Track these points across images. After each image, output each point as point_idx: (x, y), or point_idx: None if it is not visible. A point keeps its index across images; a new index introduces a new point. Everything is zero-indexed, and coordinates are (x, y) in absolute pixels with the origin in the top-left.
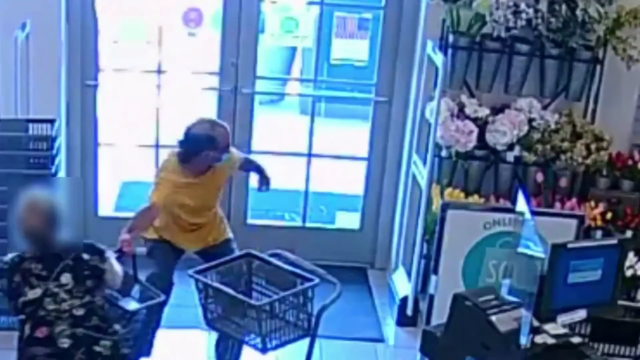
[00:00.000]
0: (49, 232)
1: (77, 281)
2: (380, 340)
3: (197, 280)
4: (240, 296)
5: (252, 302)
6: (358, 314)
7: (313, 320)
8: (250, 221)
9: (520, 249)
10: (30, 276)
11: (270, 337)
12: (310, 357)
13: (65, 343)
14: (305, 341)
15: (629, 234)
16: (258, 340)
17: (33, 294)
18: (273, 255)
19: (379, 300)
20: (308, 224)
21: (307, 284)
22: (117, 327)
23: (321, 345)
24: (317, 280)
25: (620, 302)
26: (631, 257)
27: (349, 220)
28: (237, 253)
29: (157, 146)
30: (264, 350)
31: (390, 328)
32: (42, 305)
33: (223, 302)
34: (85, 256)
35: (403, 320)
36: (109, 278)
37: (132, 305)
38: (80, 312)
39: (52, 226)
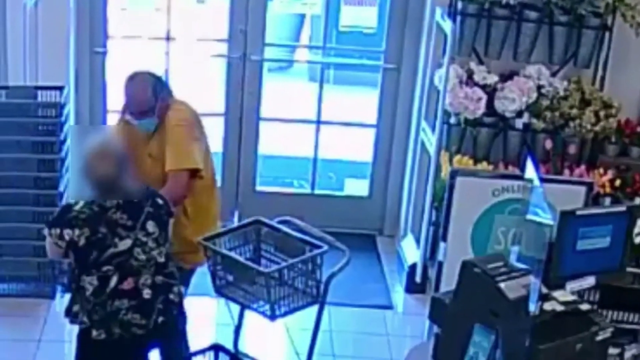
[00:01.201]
0: (121, 178)
1: (160, 228)
2: (389, 307)
3: (205, 247)
4: (249, 263)
5: (261, 269)
6: (367, 281)
7: (322, 287)
8: (259, 188)
9: (529, 216)
10: (117, 227)
11: (279, 304)
12: (319, 324)
13: (147, 294)
14: (314, 308)
15: (637, 200)
16: (267, 307)
17: (123, 244)
18: (282, 222)
19: (388, 267)
20: (317, 191)
21: (316, 251)
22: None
23: (330, 312)
24: (326, 247)
25: (629, 269)
26: None
27: (357, 187)
28: None
29: None
30: (272, 317)
31: (399, 295)
32: (133, 255)
33: (232, 269)
34: (160, 201)
35: (412, 287)
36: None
37: None
38: (162, 259)
39: (123, 171)
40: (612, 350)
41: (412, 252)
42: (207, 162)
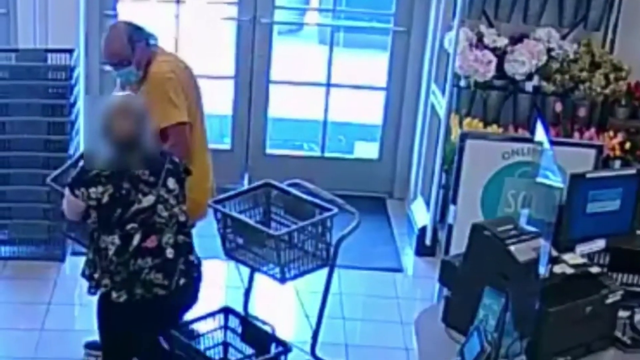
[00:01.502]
0: (142, 136)
1: (180, 185)
2: (399, 270)
3: (215, 210)
4: (259, 226)
5: (271, 231)
6: (377, 244)
7: (331, 250)
8: (269, 151)
9: (539, 179)
10: (139, 182)
11: (288, 267)
12: (329, 287)
13: (170, 253)
14: (324, 271)
15: None
16: (277, 270)
17: (147, 201)
18: (292, 185)
19: (398, 230)
20: (327, 154)
21: (326, 214)
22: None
23: (340, 275)
24: (336, 210)
25: (639, 232)
26: None
27: (367, 150)
28: None
29: None
30: (282, 280)
31: (408, 258)
32: (156, 212)
33: (242, 232)
34: (176, 159)
35: (422, 250)
36: None
37: None
38: (183, 217)
39: (144, 129)
40: (622, 313)
41: (422, 215)
42: (195, 116)
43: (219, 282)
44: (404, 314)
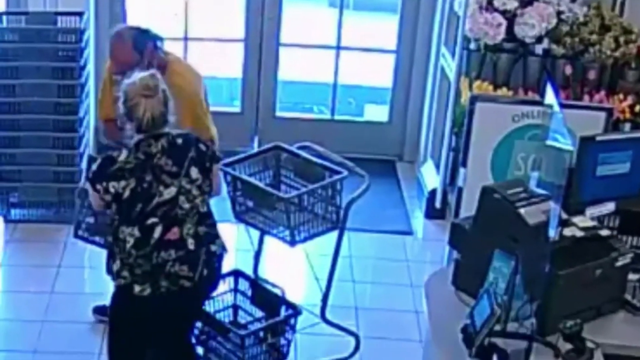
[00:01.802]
0: (167, 116)
1: (203, 174)
2: (409, 233)
3: (225, 173)
4: (269, 189)
5: (281, 194)
6: (386, 207)
7: (341, 212)
8: (278, 114)
9: (549, 142)
10: (162, 173)
11: (298, 230)
12: (339, 250)
13: (192, 244)
14: (333, 234)
15: None
16: (287, 233)
17: (168, 193)
18: (301, 147)
19: (408, 193)
20: (337, 117)
21: (336, 177)
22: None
23: (349, 238)
24: (345, 172)
25: None
26: None
27: (377, 112)
28: None
29: (185, 39)
30: (292, 243)
31: (418, 221)
32: (178, 204)
33: (252, 195)
34: (202, 147)
35: (431, 213)
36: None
37: None
38: (204, 208)
39: (169, 109)
40: (632, 276)
41: (431, 177)
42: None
43: (229, 245)
44: (414, 276)
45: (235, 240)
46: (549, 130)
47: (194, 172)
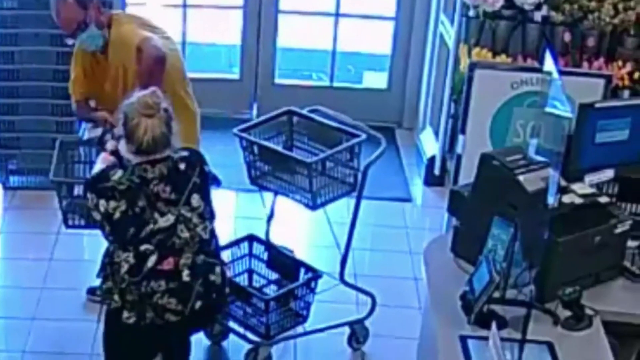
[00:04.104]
0: (169, 138)
1: (205, 201)
2: (408, 199)
3: (241, 138)
4: (292, 154)
5: (305, 159)
6: (386, 174)
7: (359, 175)
8: (278, 81)
9: (548, 109)
10: (158, 201)
11: (319, 194)
12: (357, 212)
13: (187, 275)
14: (342, 201)
15: None
16: (308, 197)
17: (165, 221)
18: (312, 111)
19: (407, 160)
20: (335, 84)
21: (354, 140)
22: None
23: (348, 205)
24: (364, 135)
25: None
26: None
27: (376, 79)
28: None
29: (184, 6)
30: (314, 207)
31: (417, 188)
32: (176, 233)
33: (269, 160)
34: (206, 168)
35: (430, 180)
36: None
37: None
38: (206, 236)
39: (172, 131)
40: (631, 243)
41: (430, 144)
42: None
43: (241, 213)
44: (413, 243)
45: (247, 208)
46: (547, 97)
47: (195, 200)
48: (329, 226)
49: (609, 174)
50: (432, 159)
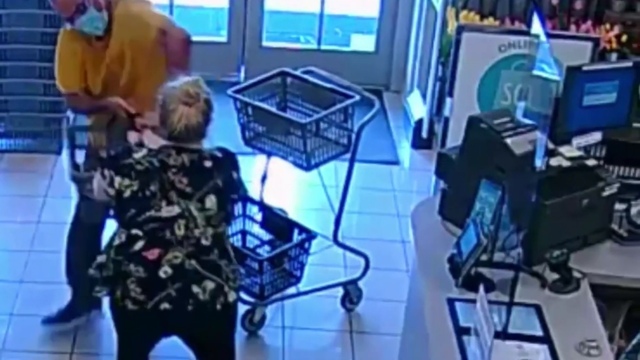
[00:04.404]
0: (204, 125)
1: (220, 207)
2: (396, 162)
3: (235, 99)
4: (286, 115)
5: (300, 120)
6: (373, 137)
7: (353, 136)
8: (265, 44)
9: (536, 72)
10: (172, 189)
11: (314, 155)
12: (351, 173)
13: (166, 273)
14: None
15: None
16: (303, 158)
17: (168, 211)
18: (306, 72)
19: (394, 122)
20: (323, 47)
21: (348, 101)
22: (233, 268)
23: (336, 168)
24: (357, 96)
25: (635, 125)
26: None
27: (364, 42)
28: None
29: None
30: (308, 168)
31: (405, 150)
32: (172, 227)
33: (264, 121)
34: (235, 175)
35: (418, 143)
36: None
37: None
38: (207, 242)
39: (208, 116)
40: (619, 206)
41: (418, 107)
42: None
43: None
44: (401, 206)
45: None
46: (535, 60)
47: (210, 202)
48: (323, 188)
49: (596, 136)
50: (419, 122)
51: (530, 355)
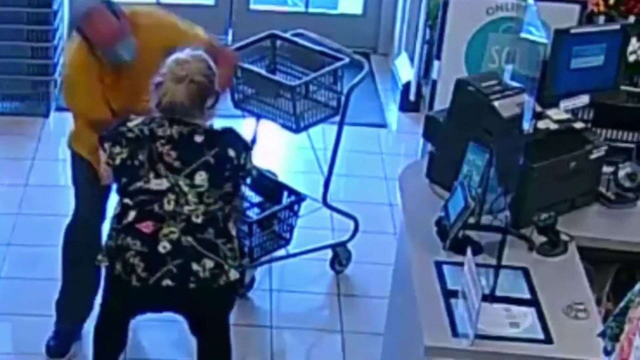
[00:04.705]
0: (190, 106)
1: (212, 184)
2: (383, 125)
3: None
4: (275, 77)
5: (289, 82)
6: (361, 100)
7: (342, 99)
8: (253, 6)
9: (523, 35)
10: (159, 162)
11: (303, 117)
12: (341, 134)
13: (164, 248)
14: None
15: (631, 19)
16: (292, 120)
17: (157, 184)
18: (296, 35)
19: (382, 85)
20: (311, 9)
21: (338, 63)
22: (231, 246)
23: (324, 131)
24: (347, 59)
25: (623, 88)
26: (634, 43)
27: (351, 5)
28: None
29: None
30: (297, 130)
31: (393, 113)
32: (161, 201)
33: (253, 83)
34: (231, 153)
35: (406, 106)
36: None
37: None
38: (199, 219)
39: (194, 99)
40: (606, 169)
41: (406, 70)
42: None
43: None
44: (388, 169)
45: None
46: (523, 23)
47: (200, 178)
48: (313, 150)
49: (584, 99)
50: (407, 85)
51: (518, 317)
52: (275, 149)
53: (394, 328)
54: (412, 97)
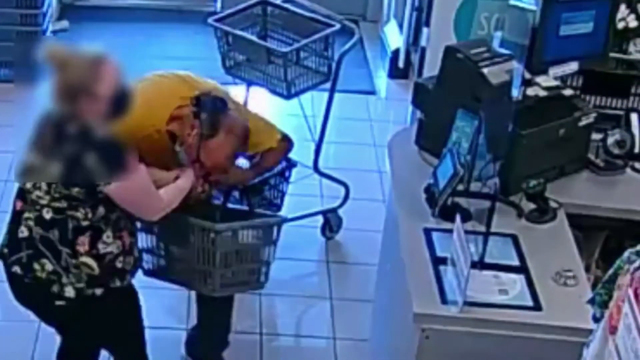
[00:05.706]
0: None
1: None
2: (372, 92)
3: (216, 28)
4: (266, 44)
5: (280, 49)
6: (349, 67)
7: (333, 65)
8: None
9: (512, 2)
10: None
11: (294, 83)
12: (332, 101)
13: (22, 233)
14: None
15: None
16: (283, 86)
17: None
18: (286, 1)
19: (371, 52)
20: None
21: (329, 30)
22: (77, 263)
23: (313, 98)
24: (338, 25)
25: (612, 55)
26: (623, 10)
27: None
28: None
29: None
30: (288, 96)
31: (381, 80)
32: (34, 185)
33: (244, 50)
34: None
35: (395, 73)
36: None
37: None
38: (48, 215)
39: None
40: (595, 136)
41: (395, 37)
42: None
43: None
44: (377, 136)
45: None
46: None
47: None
48: (304, 117)
49: (573, 66)
50: (396, 52)
51: (507, 284)
52: (266, 114)
53: (383, 295)
54: (401, 64)
